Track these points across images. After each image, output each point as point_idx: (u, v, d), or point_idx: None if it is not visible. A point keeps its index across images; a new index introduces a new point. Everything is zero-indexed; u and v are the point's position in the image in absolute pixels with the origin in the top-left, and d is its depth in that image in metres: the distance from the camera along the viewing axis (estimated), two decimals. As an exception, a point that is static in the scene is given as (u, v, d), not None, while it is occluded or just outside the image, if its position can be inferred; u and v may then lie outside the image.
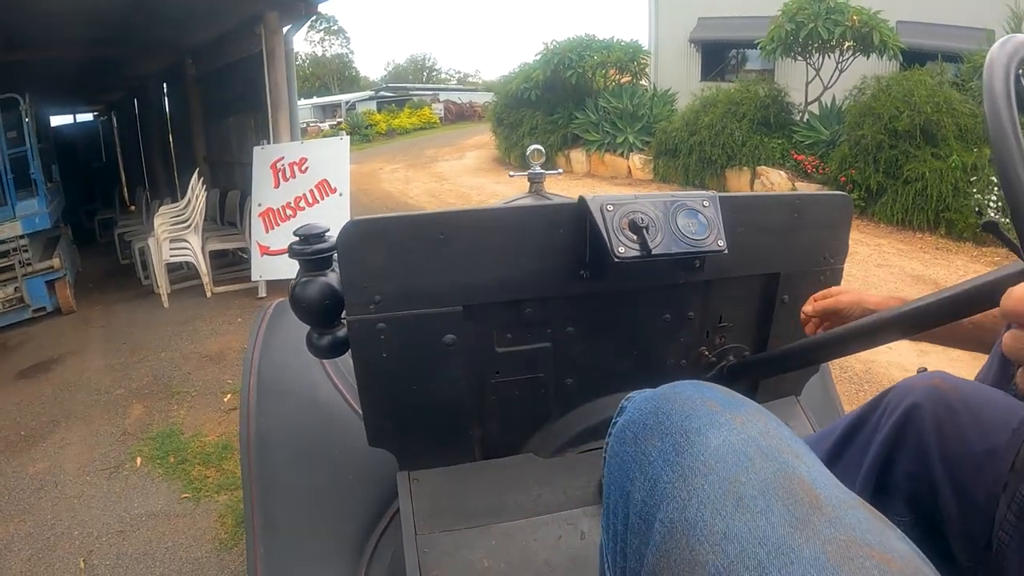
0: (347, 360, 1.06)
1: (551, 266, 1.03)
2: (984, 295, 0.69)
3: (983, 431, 0.80)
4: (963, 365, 3.75)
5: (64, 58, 6.84)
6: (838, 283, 1.24)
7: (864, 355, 3.80)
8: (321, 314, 1.05)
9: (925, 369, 0.93)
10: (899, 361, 3.83)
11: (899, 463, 0.86)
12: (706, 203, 1.00)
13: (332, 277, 1.04)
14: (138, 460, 3.19)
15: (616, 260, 0.94)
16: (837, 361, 3.46)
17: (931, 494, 0.84)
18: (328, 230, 1.06)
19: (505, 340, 1.09)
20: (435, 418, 1.08)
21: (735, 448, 0.58)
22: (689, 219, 0.98)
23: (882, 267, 5.90)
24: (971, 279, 0.71)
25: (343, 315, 1.02)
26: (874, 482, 0.88)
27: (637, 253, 0.94)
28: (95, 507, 2.84)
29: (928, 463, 0.83)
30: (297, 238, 1.05)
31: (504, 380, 1.11)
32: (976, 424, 0.81)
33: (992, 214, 6.12)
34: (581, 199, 0.99)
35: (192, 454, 3.18)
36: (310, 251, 1.03)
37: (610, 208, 0.96)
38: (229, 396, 3.78)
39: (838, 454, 0.95)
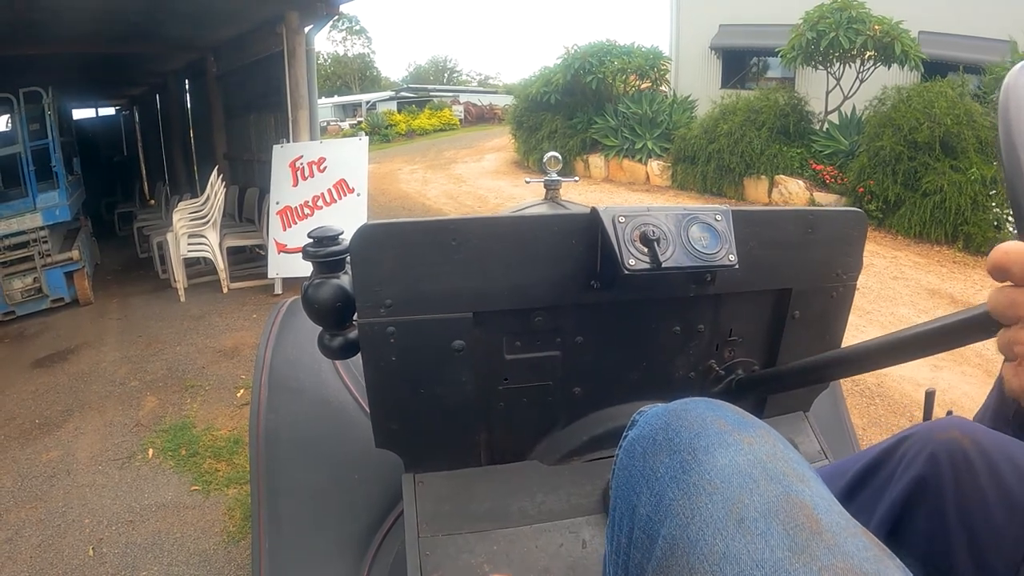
0: (358, 360, 1.07)
1: (562, 275, 1.03)
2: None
3: (1002, 491, 0.76)
4: (975, 380, 3.72)
5: (87, 53, 6.92)
6: (851, 300, 1.23)
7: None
8: (332, 316, 1.05)
9: (933, 393, 0.91)
10: (912, 376, 3.80)
11: (915, 519, 0.83)
12: (719, 217, 1.00)
13: (344, 279, 1.04)
14: (150, 451, 3.23)
15: (626, 272, 0.94)
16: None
17: (947, 556, 0.79)
18: (342, 233, 1.07)
19: (514, 347, 1.09)
20: (442, 422, 1.09)
21: (741, 469, 0.58)
22: (701, 233, 0.98)
23: (898, 280, 5.85)
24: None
25: (354, 317, 1.03)
26: (886, 535, 0.84)
27: (647, 266, 0.94)
28: (106, 496, 2.87)
29: (945, 523, 0.79)
30: (311, 240, 1.06)
31: (512, 387, 1.11)
32: (995, 484, 0.77)
33: (1011, 229, 6.07)
34: (593, 210, 0.99)
35: (203, 447, 3.21)
36: (323, 253, 1.04)
37: (622, 220, 0.96)
38: (242, 391, 3.81)
39: (850, 495, 0.92)
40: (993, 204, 6.45)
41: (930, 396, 1.15)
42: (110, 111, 12.55)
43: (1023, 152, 0.59)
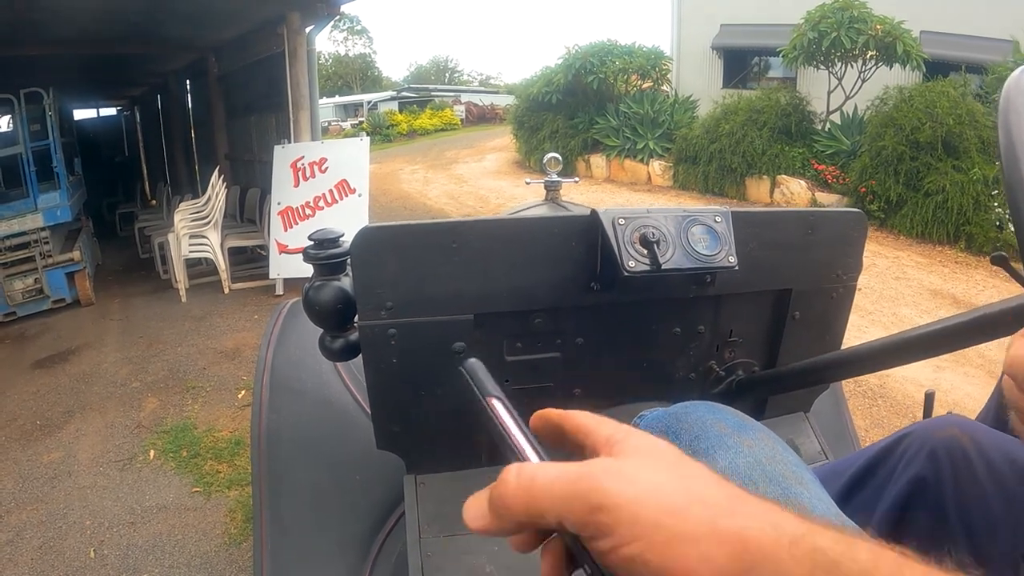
0: (359, 361, 1.07)
1: (562, 277, 1.03)
2: (1001, 322, 0.67)
3: (1001, 489, 0.76)
4: (978, 381, 3.71)
5: (88, 53, 6.91)
6: (851, 300, 1.23)
7: (879, 369, 3.77)
8: (333, 318, 1.05)
9: (933, 394, 0.91)
10: (914, 376, 3.79)
11: (916, 516, 0.83)
12: (718, 219, 1.00)
13: (345, 282, 1.04)
14: (151, 453, 3.23)
15: (626, 274, 0.94)
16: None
17: (948, 553, 0.79)
18: (343, 235, 1.07)
19: (515, 349, 1.09)
20: (443, 424, 1.09)
21: (740, 471, 0.58)
22: (701, 235, 0.98)
23: (900, 280, 5.85)
24: (988, 305, 0.70)
25: (355, 319, 1.03)
26: (887, 534, 0.84)
27: (647, 268, 0.94)
28: (107, 498, 2.87)
29: (946, 520, 0.79)
30: (311, 242, 1.06)
31: (513, 388, 1.11)
32: (994, 481, 0.77)
33: (1012, 229, 6.05)
34: (593, 212, 0.99)
35: (205, 449, 3.22)
36: (324, 256, 1.04)
37: (622, 222, 0.96)
38: (243, 393, 3.81)
39: (849, 494, 0.92)
40: (995, 204, 6.45)
41: (930, 397, 1.15)
42: (111, 111, 12.58)
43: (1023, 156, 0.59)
